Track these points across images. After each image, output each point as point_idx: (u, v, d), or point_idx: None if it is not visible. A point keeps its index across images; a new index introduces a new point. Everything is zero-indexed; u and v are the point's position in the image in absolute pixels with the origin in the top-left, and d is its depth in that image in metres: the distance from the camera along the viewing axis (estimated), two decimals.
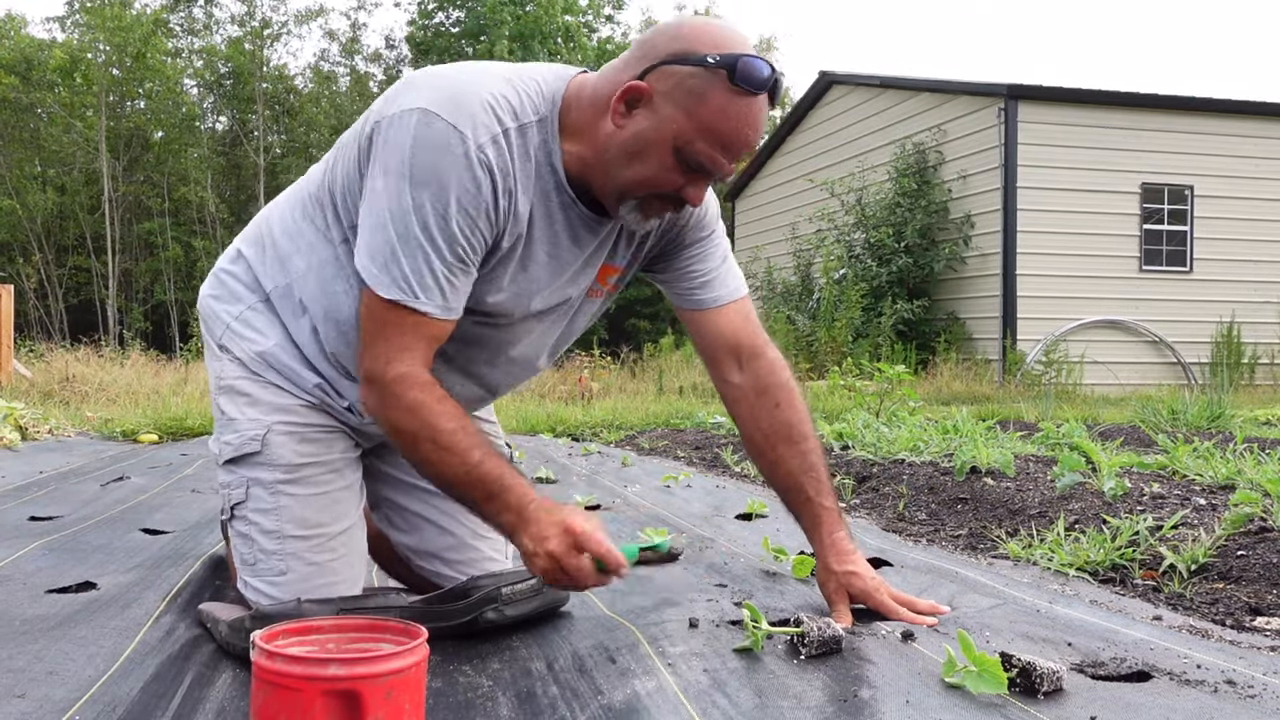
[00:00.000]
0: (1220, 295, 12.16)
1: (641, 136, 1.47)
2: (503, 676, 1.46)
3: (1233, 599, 1.95)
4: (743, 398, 1.77)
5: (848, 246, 13.13)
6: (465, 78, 1.52)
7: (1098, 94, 12.01)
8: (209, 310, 1.80)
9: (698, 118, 1.44)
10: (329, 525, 1.69)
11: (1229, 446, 3.93)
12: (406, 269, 1.48)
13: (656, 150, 1.47)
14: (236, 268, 1.79)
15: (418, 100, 1.48)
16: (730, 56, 1.43)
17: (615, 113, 1.49)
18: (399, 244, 1.48)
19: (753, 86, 1.43)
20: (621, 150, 1.49)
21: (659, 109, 1.46)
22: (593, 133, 1.52)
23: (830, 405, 7.52)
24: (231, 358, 1.74)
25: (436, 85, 1.51)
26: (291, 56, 51.51)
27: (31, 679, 1.38)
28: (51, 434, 5.90)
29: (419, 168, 1.46)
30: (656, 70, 1.46)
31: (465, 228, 1.49)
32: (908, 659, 1.44)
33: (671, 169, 1.49)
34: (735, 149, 1.48)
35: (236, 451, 1.69)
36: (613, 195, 1.54)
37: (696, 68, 1.43)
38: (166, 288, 25.85)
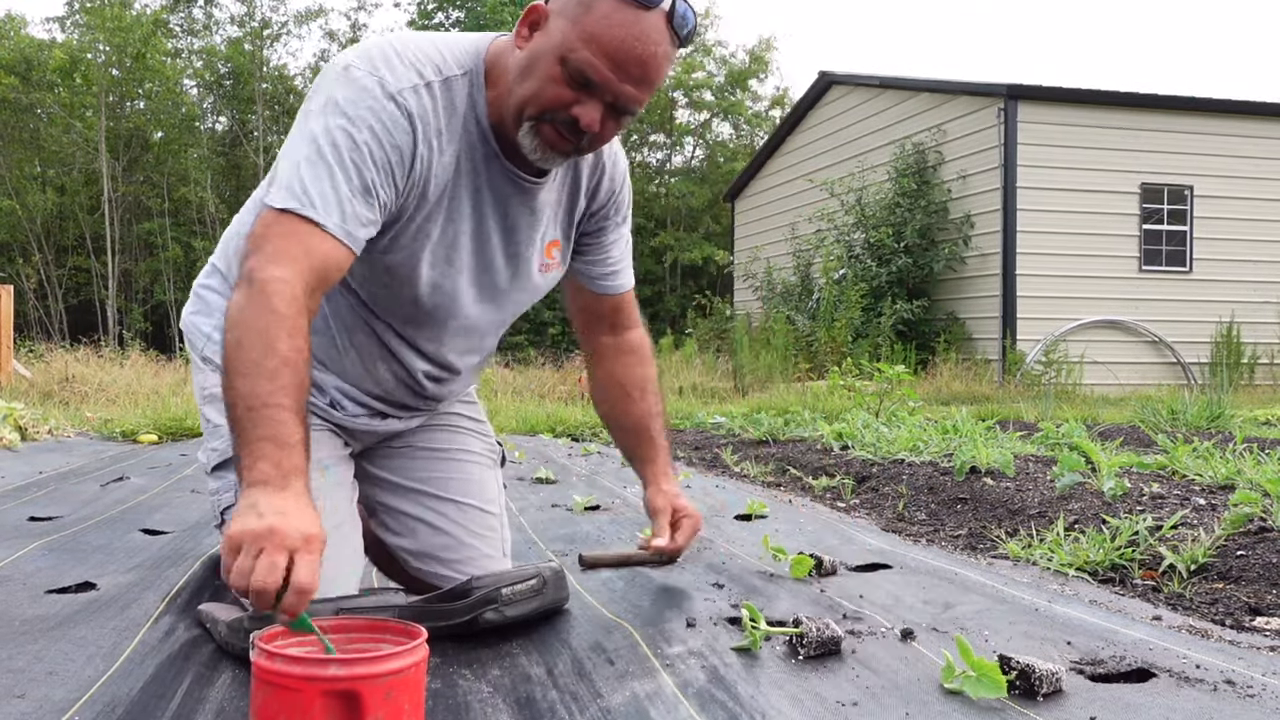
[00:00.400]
0: (1220, 295, 12.16)
1: (535, 52, 1.48)
2: (502, 682, 1.46)
3: (1232, 599, 1.96)
4: (608, 353, 1.95)
5: (847, 246, 13.14)
6: (387, 40, 1.55)
7: (1098, 94, 12.02)
8: (191, 327, 1.83)
9: (582, 25, 1.43)
10: None
11: (1229, 446, 3.93)
12: (307, 183, 1.43)
13: (544, 63, 1.47)
14: (212, 281, 1.83)
15: (341, 62, 1.52)
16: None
17: (519, 36, 1.51)
18: (304, 164, 1.44)
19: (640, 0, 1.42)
20: (519, 69, 1.50)
21: (551, 25, 1.47)
22: (504, 69, 1.55)
23: (830, 405, 7.52)
24: (215, 367, 1.74)
25: (359, 49, 1.54)
26: (291, 57, 51.47)
27: (31, 679, 1.38)
28: (51, 434, 5.90)
29: (333, 104, 1.47)
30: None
31: (376, 160, 1.47)
32: (907, 660, 1.44)
33: (559, 81, 1.46)
34: (621, 61, 1.44)
35: (223, 456, 1.71)
36: (512, 119, 1.53)
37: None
38: (166, 288, 25.85)
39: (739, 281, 16.90)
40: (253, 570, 1.16)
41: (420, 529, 1.87)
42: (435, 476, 1.89)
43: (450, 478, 1.90)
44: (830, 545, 2.46)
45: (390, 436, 1.89)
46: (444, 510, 1.87)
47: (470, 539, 1.88)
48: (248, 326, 1.34)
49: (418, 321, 1.70)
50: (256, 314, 1.34)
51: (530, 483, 3.93)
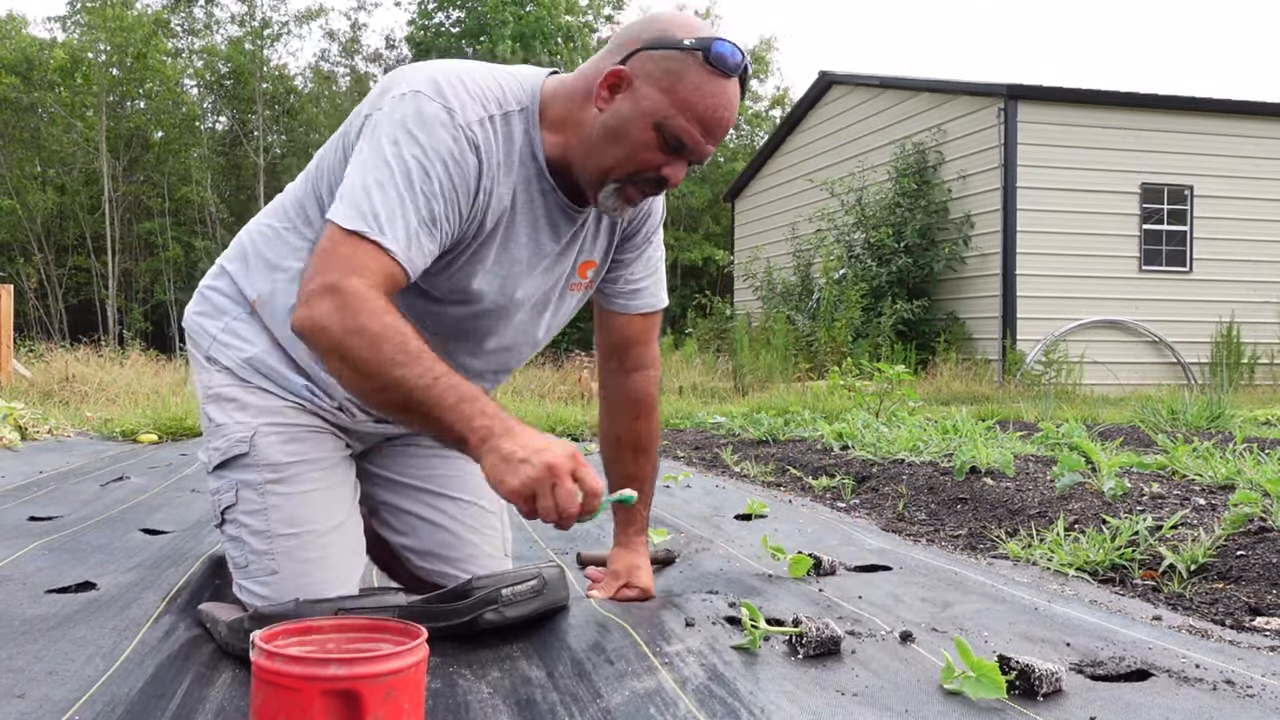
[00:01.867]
0: (1220, 295, 12.16)
1: (623, 116, 1.54)
2: (502, 682, 1.46)
3: (1232, 599, 1.96)
4: (613, 397, 1.93)
5: (847, 246, 13.14)
6: (451, 68, 1.59)
7: (1098, 94, 12.01)
8: (196, 327, 1.82)
9: (675, 95, 1.52)
10: (318, 523, 1.69)
11: (1229, 446, 3.93)
12: (378, 206, 1.48)
13: (637, 128, 1.54)
14: (220, 283, 1.82)
15: (409, 86, 1.55)
16: (705, 39, 1.52)
17: (599, 98, 1.56)
18: (374, 187, 1.49)
19: (726, 68, 1.52)
20: (605, 131, 1.56)
21: (639, 90, 1.53)
22: (576, 121, 1.59)
23: (830, 405, 7.52)
24: (219, 367, 1.76)
25: (426, 75, 1.57)
26: (291, 56, 51.51)
27: (31, 679, 1.38)
28: (51, 434, 5.90)
29: (408, 133, 1.51)
30: (636, 55, 1.54)
31: (445, 192, 1.52)
32: (906, 660, 1.44)
33: (652, 147, 1.55)
34: (711, 127, 1.54)
35: (224, 455, 1.71)
36: (594, 179, 1.59)
37: (674, 50, 1.52)
38: (166, 288, 25.85)
39: (739, 281, 16.90)
40: (557, 503, 1.36)
41: (421, 526, 1.87)
42: (436, 474, 1.90)
43: (451, 475, 1.90)
44: (830, 545, 2.46)
45: (393, 436, 1.89)
46: (444, 507, 1.87)
47: (471, 535, 1.88)
48: (365, 328, 1.41)
49: (459, 338, 1.73)
50: (368, 315, 1.41)
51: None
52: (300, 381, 1.73)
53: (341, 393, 1.73)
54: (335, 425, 1.78)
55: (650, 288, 1.89)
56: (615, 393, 1.92)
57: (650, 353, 1.93)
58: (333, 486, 1.74)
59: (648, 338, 1.92)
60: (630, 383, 1.91)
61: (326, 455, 1.74)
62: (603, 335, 1.92)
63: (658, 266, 1.91)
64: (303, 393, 1.73)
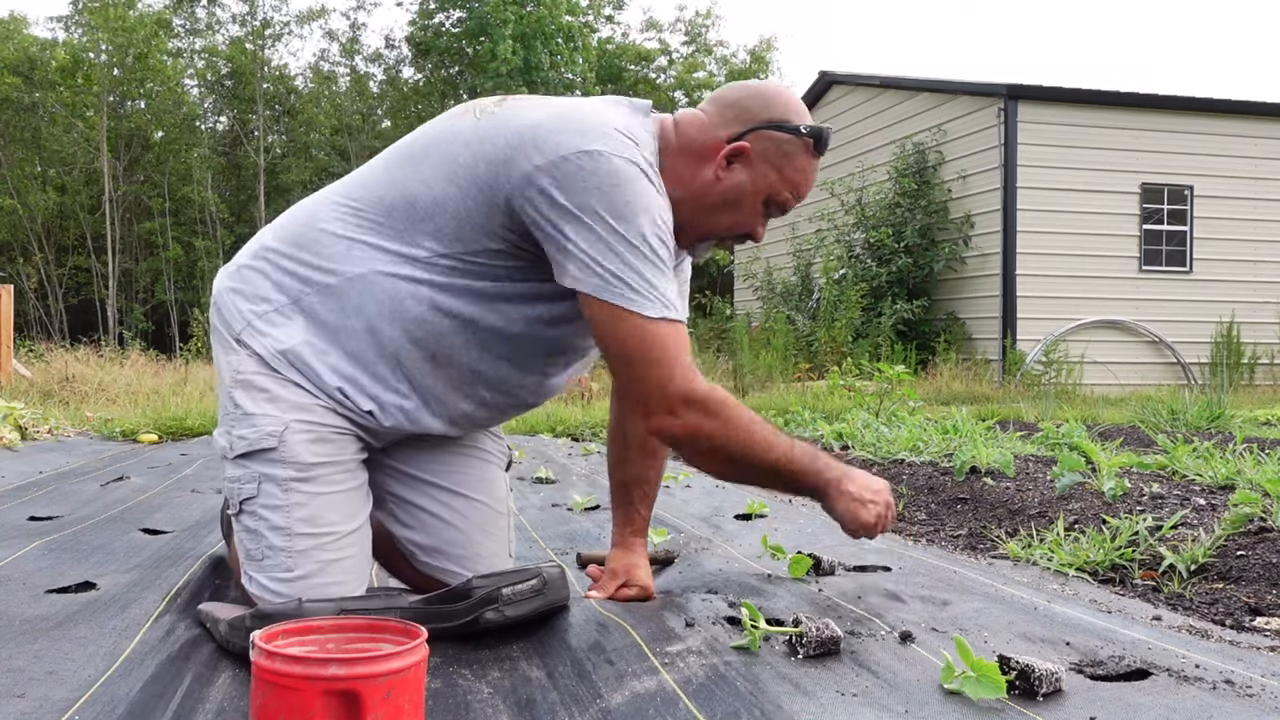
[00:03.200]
0: (1220, 295, 12.16)
1: (740, 188, 1.73)
2: (502, 683, 1.46)
3: (1232, 599, 1.96)
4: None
5: (848, 246, 13.14)
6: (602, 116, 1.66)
7: (1098, 94, 12.01)
8: (229, 304, 1.77)
9: (785, 175, 1.74)
10: (339, 525, 1.69)
11: (1229, 447, 3.93)
12: (659, 289, 1.61)
13: (751, 200, 1.75)
14: (262, 264, 1.77)
15: (585, 144, 1.59)
16: (816, 129, 1.74)
17: (719, 166, 1.72)
18: (643, 269, 1.59)
19: (822, 152, 1.76)
20: (721, 198, 1.74)
21: (755, 166, 1.73)
22: (690, 179, 1.73)
23: (830, 405, 7.52)
24: (250, 352, 1.72)
25: (579, 129, 1.61)
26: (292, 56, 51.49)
27: (31, 679, 1.38)
28: (51, 434, 5.90)
29: (621, 200, 1.59)
30: (755, 133, 1.72)
31: (670, 239, 1.66)
32: (906, 660, 1.44)
33: (759, 215, 1.77)
34: (801, 196, 1.79)
35: (251, 446, 1.68)
36: (702, 235, 1.79)
37: (792, 135, 1.73)
38: (167, 287, 25.86)
39: (739, 281, 16.90)
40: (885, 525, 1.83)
41: (430, 521, 1.87)
42: (447, 470, 1.89)
43: (462, 472, 1.90)
44: (830, 545, 2.46)
45: (410, 436, 1.89)
46: (454, 504, 1.88)
47: (478, 535, 1.88)
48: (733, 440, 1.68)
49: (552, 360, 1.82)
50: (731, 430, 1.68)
51: (530, 482, 3.93)
52: (334, 381, 1.70)
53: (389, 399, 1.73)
54: (360, 427, 1.75)
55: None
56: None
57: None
58: (353, 489, 1.73)
59: None
60: None
61: (350, 458, 1.74)
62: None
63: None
64: (335, 393, 1.71)
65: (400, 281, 1.68)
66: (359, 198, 1.74)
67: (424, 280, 1.67)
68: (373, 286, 1.69)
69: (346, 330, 1.70)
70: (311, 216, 1.77)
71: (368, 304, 1.69)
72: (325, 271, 1.71)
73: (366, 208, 1.72)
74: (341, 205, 1.75)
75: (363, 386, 1.72)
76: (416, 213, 1.68)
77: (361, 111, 29.62)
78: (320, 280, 1.71)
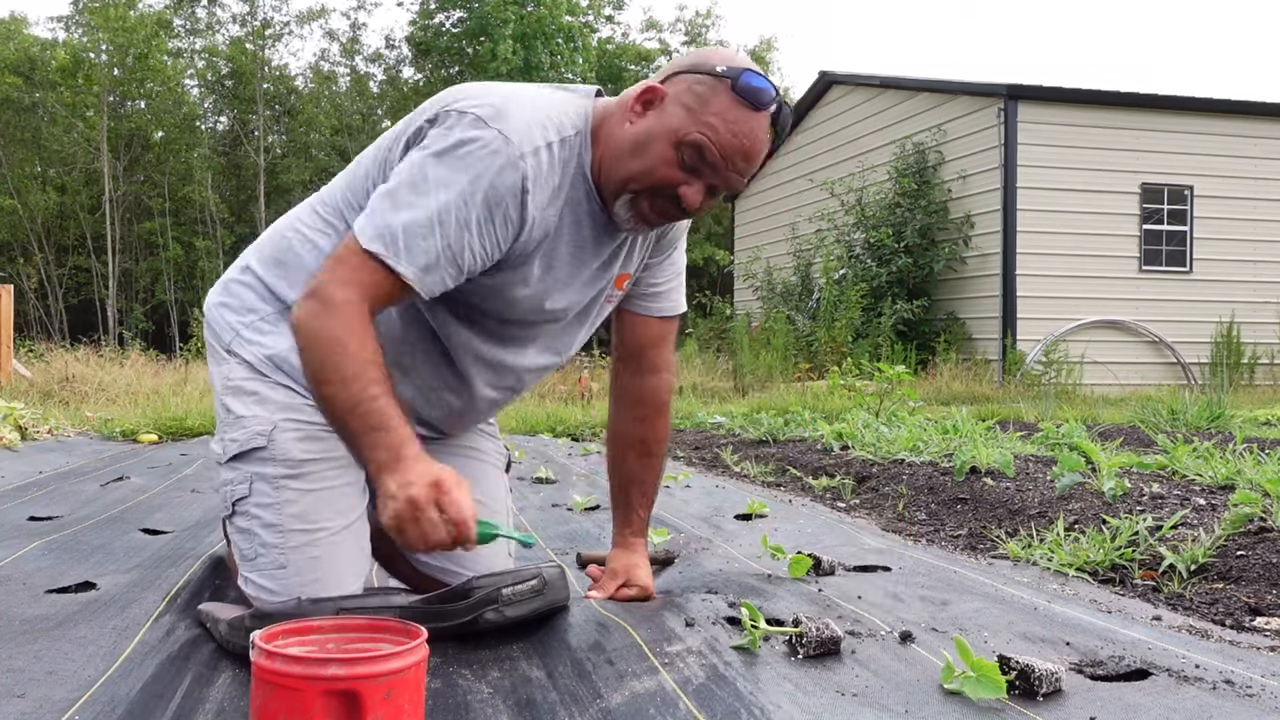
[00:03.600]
0: (1220, 295, 12.16)
1: (649, 130, 1.59)
2: (502, 683, 1.46)
3: (1232, 599, 1.96)
4: (624, 398, 1.94)
5: (848, 246, 13.13)
6: (510, 93, 1.62)
7: (1098, 94, 12.01)
8: (218, 318, 1.83)
9: (699, 115, 1.56)
10: (331, 521, 1.70)
11: (1229, 447, 3.93)
12: (399, 231, 1.52)
13: (659, 143, 1.58)
14: (248, 278, 1.82)
15: (470, 105, 1.57)
16: (737, 69, 1.56)
17: (632, 111, 1.61)
18: (406, 207, 1.52)
19: (752, 100, 1.55)
20: (631, 143, 1.60)
21: (667, 108, 1.58)
22: (609, 135, 1.64)
23: (830, 405, 7.52)
24: (239, 360, 1.77)
25: (486, 98, 1.59)
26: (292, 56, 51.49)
27: (31, 679, 1.38)
28: (51, 434, 5.90)
29: (455, 158, 1.53)
30: (673, 78, 1.60)
31: (480, 223, 1.55)
32: (906, 660, 1.44)
33: (670, 163, 1.58)
34: (730, 152, 1.57)
35: (242, 447, 1.71)
36: (615, 188, 1.63)
37: (705, 75, 1.57)
38: (167, 287, 25.86)
39: (739, 281, 16.90)
40: (423, 535, 1.41)
41: None
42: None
43: (460, 472, 1.90)
44: (830, 545, 2.46)
45: None
46: None
47: None
48: (322, 341, 1.49)
49: (503, 342, 1.77)
50: (329, 327, 1.49)
51: (530, 482, 3.93)
52: None
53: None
54: None
55: (670, 292, 1.91)
56: (626, 394, 1.93)
57: (664, 356, 1.94)
58: (347, 485, 1.74)
59: (664, 342, 1.93)
60: (643, 385, 1.92)
61: (342, 455, 1.74)
62: (619, 336, 1.93)
63: (680, 271, 1.93)
64: None
65: None
66: (326, 207, 1.78)
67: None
68: None
69: None
70: (287, 230, 1.82)
71: None
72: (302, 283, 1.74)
73: (332, 216, 1.75)
74: (312, 215, 1.79)
75: None
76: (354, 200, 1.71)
77: (362, 112, 29.63)
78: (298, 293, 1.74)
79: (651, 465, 1.94)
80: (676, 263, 1.92)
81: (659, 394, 1.93)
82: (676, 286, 1.92)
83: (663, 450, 1.96)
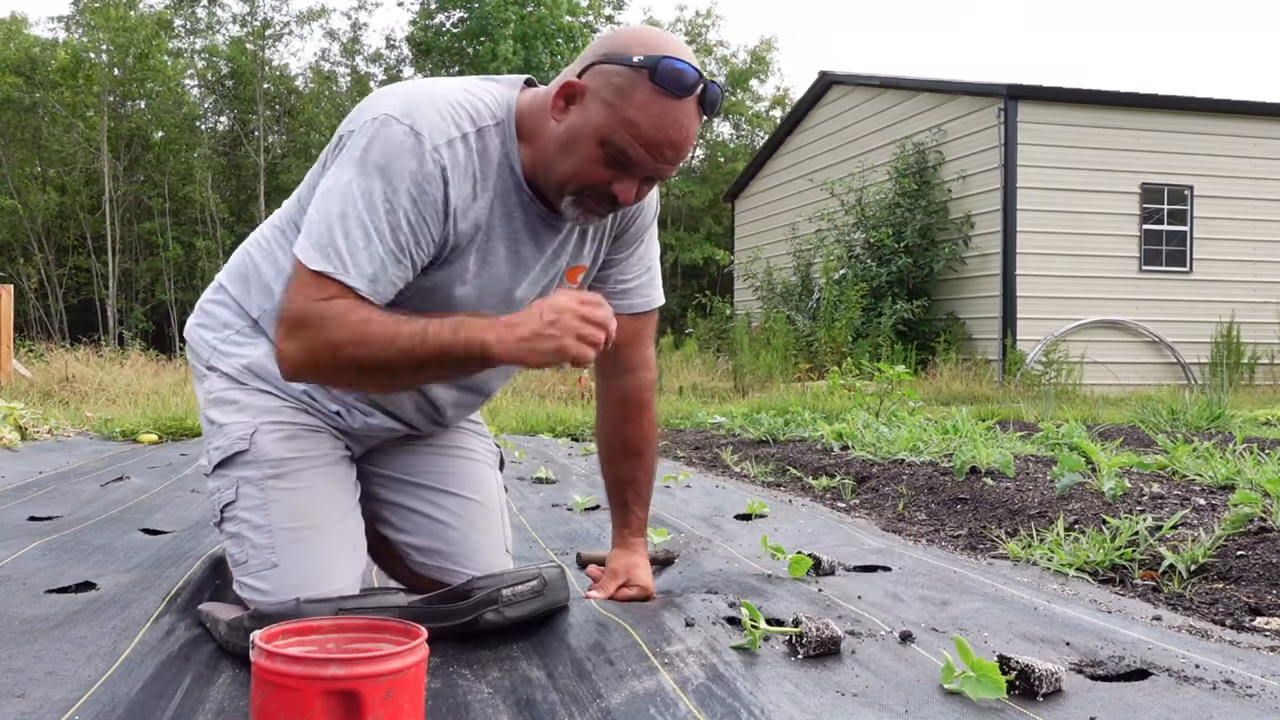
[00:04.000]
0: (1220, 295, 12.16)
1: (573, 130, 1.54)
2: (502, 683, 1.46)
3: (1232, 599, 1.96)
4: (606, 399, 1.93)
5: (847, 246, 13.13)
6: (423, 88, 1.59)
7: (1098, 94, 12.01)
8: (197, 339, 1.85)
9: (619, 112, 1.50)
10: (319, 518, 1.70)
11: (1229, 447, 3.93)
12: (341, 245, 1.51)
13: (584, 143, 1.53)
14: (221, 296, 1.85)
15: (378, 110, 1.55)
16: (654, 58, 1.48)
17: (555, 109, 1.56)
18: (337, 223, 1.51)
19: (673, 88, 1.48)
20: (557, 144, 1.56)
21: (588, 105, 1.53)
22: (538, 132, 1.59)
23: (830, 405, 7.52)
24: (219, 374, 1.79)
25: (397, 96, 1.57)
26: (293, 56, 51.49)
27: (31, 679, 1.38)
28: (51, 434, 5.90)
29: (372, 162, 1.52)
30: (590, 69, 1.53)
31: (411, 220, 1.53)
32: (906, 660, 1.44)
33: (598, 162, 1.54)
34: (656, 146, 1.52)
35: (225, 453, 1.72)
36: (554, 190, 1.60)
37: (622, 67, 1.50)
38: (167, 288, 25.85)
39: (739, 281, 16.89)
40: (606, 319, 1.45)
41: (423, 522, 1.88)
42: (436, 471, 1.90)
43: (451, 472, 1.91)
44: (830, 545, 2.46)
45: (391, 438, 1.90)
46: (446, 504, 1.88)
47: (473, 532, 1.88)
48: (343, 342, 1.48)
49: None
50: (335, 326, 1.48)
51: (530, 482, 3.93)
52: (299, 387, 1.75)
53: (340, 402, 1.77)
54: (334, 427, 1.80)
55: (641, 287, 1.87)
56: (606, 394, 1.91)
57: (641, 354, 1.89)
58: (333, 483, 1.75)
59: (640, 339, 1.89)
60: (623, 385, 1.89)
61: (326, 453, 1.76)
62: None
63: (651, 265, 1.88)
64: (301, 396, 1.76)
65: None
66: (281, 219, 1.79)
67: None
68: None
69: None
70: (250, 246, 1.84)
71: None
72: (265, 296, 1.77)
73: (287, 228, 1.76)
74: (271, 230, 1.81)
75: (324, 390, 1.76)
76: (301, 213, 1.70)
77: None
78: (261, 307, 1.77)
79: (642, 465, 1.92)
80: (645, 256, 1.87)
81: (639, 393, 1.90)
82: (648, 281, 1.88)
83: (652, 449, 1.94)
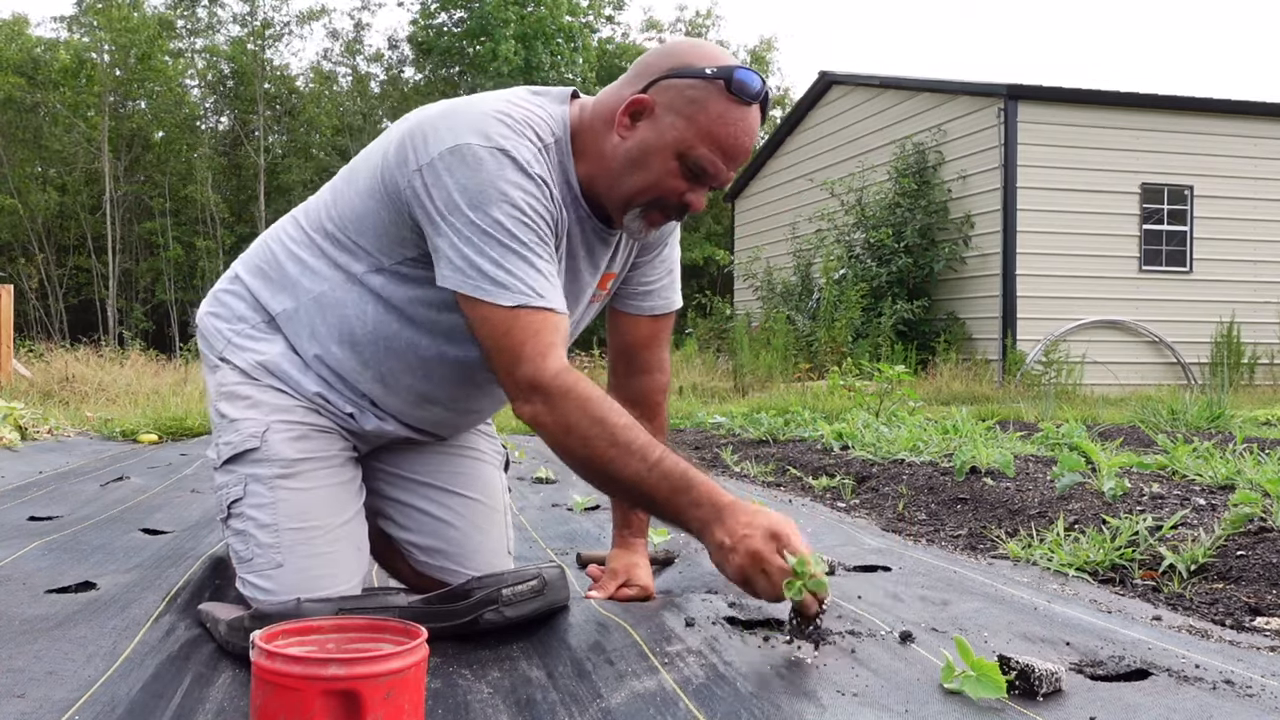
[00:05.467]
0: (1220, 295, 12.16)
1: (646, 145, 1.57)
2: (502, 683, 1.46)
3: (1232, 599, 1.96)
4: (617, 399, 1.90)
5: (847, 246, 13.13)
6: (485, 107, 1.58)
7: (1098, 94, 12.01)
8: (210, 327, 1.84)
9: (698, 124, 1.54)
10: (326, 519, 1.70)
11: (1229, 447, 3.93)
12: (516, 274, 1.51)
13: (660, 157, 1.56)
14: (237, 288, 1.84)
15: (454, 139, 1.53)
16: (726, 68, 1.54)
17: (620, 125, 1.58)
18: (502, 258, 1.51)
19: (747, 96, 1.54)
20: (627, 159, 1.58)
21: (661, 119, 1.56)
22: (599, 149, 1.61)
23: (830, 405, 7.52)
24: (232, 367, 1.78)
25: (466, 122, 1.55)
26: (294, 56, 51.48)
27: (31, 679, 1.38)
28: (51, 434, 5.90)
29: (477, 193, 1.51)
30: (657, 84, 1.56)
31: (541, 224, 1.55)
32: (906, 660, 1.44)
33: (674, 175, 1.57)
34: (733, 154, 1.57)
35: (236, 450, 1.71)
36: (619, 205, 1.63)
37: (695, 79, 1.54)
38: (167, 287, 25.86)
39: (739, 281, 16.89)
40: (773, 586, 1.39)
41: (426, 521, 1.88)
42: (441, 470, 1.90)
43: (456, 472, 1.91)
44: (830, 545, 2.46)
45: (399, 438, 1.89)
46: (449, 503, 1.88)
47: (476, 533, 1.89)
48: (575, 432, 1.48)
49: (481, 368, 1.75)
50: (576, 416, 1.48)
51: (530, 482, 3.93)
52: (313, 388, 1.75)
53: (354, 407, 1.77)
54: (344, 429, 1.79)
55: (662, 289, 1.89)
56: (619, 395, 1.90)
57: (657, 357, 1.92)
58: (341, 484, 1.75)
59: (657, 341, 1.91)
60: (636, 386, 1.91)
61: (335, 454, 1.76)
62: (612, 335, 1.93)
63: (672, 268, 1.90)
64: (314, 398, 1.76)
65: (347, 304, 1.71)
66: (310, 222, 1.78)
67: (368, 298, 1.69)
68: (325, 310, 1.72)
69: (308, 354, 1.75)
70: (272, 242, 1.83)
71: (320, 328, 1.73)
72: (288, 296, 1.76)
73: (315, 233, 1.76)
74: (296, 229, 1.80)
75: (340, 394, 1.76)
76: (350, 230, 1.70)
77: (363, 111, 29.62)
78: (283, 305, 1.76)
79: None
80: (669, 259, 1.89)
81: (653, 395, 1.92)
82: (669, 284, 1.90)
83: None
